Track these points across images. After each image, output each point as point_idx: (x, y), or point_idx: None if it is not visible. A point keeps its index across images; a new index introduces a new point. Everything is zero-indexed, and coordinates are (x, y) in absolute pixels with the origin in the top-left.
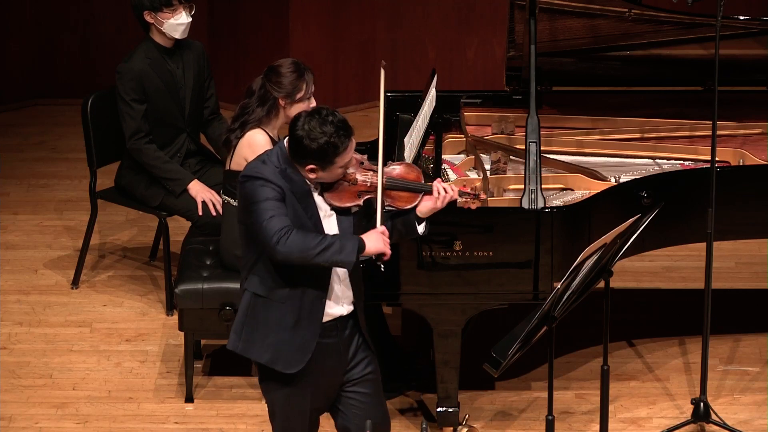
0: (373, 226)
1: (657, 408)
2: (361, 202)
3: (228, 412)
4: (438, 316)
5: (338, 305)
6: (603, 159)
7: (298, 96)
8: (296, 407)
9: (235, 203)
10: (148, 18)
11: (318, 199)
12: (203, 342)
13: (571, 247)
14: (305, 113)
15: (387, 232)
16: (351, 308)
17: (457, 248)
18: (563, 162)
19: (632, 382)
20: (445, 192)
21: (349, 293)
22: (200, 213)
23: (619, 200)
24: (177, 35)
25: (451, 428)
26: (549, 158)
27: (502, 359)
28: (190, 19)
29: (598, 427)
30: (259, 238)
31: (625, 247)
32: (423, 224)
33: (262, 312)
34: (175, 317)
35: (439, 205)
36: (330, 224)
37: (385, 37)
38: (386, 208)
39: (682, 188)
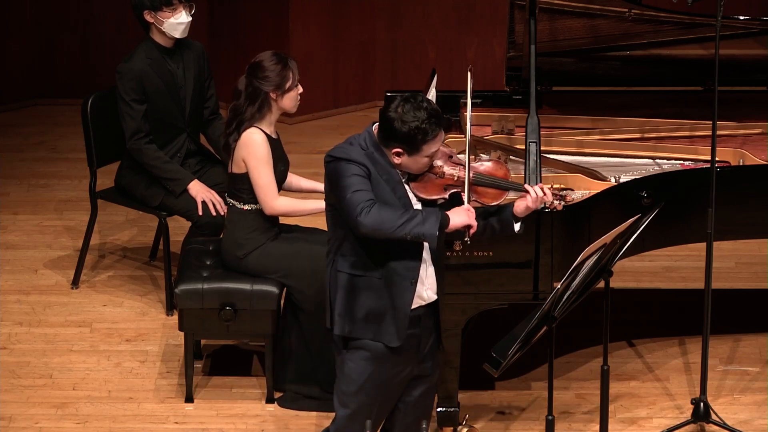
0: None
1: (657, 408)
2: (446, 195)
3: (228, 412)
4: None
5: (424, 288)
6: (603, 159)
7: (288, 85)
8: (370, 396)
9: (239, 205)
10: (148, 17)
11: (405, 188)
12: (203, 342)
13: (571, 247)
14: (401, 97)
15: (473, 210)
16: (434, 297)
17: (457, 248)
18: (563, 162)
19: (632, 382)
20: (543, 194)
21: (433, 281)
22: (200, 213)
23: (619, 200)
24: (177, 35)
25: (451, 428)
26: (549, 158)
27: (502, 359)
28: (190, 19)
29: (598, 427)
30: (343, 213)
31: (625, 247)
32: (519, 223)
33: (361, 290)
34: (175, 317)
35: (533, 206)
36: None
37: (385, 37)
38: (472, 202)
39: (682, 188)
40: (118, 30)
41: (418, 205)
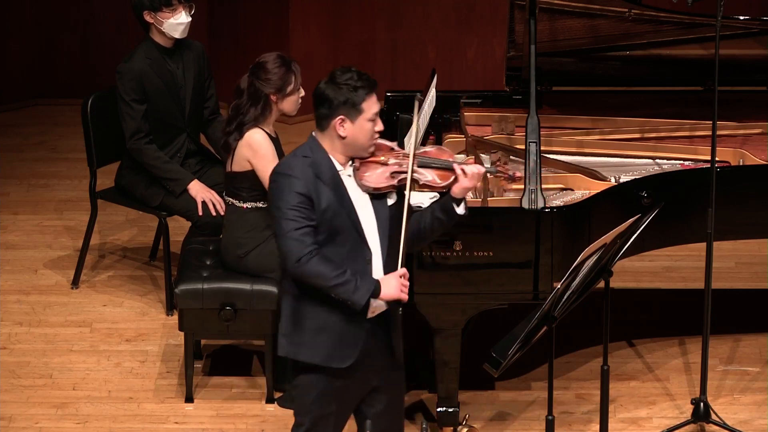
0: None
1: (657, 408)
2: (395, 182)
3: (228, 412)
4: (438, 316)
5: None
6: (603, 159)
7: (289, 89)
8: (325, 407)
9: (238, 204)
10: (147, 18)
11: (352, 187)
12: (203, 342)
13: (571, 247)
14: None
15: (407, 275)
16: (384, 307)
17: (457, 248)
18: (563, 162)
19: (632, 382)
20: (471, 171)
21: None
22: (200, 213)
23: (619, 200)
24: (177, 35)
25: (451, 428)
26: (549, 158)
27: (502, 359)
28: (189, 19)
29: (598, 427)
30: (279, 247)
31: (625, 247)
32: (462, 205)
33: (308, 312)
34: (175, 317)
35: (469, 183)
36: (366, 214)
37: (385, 37)
38: (423, 190)
39: (682, 188)
40: (118, 30)
41: (367, 206)
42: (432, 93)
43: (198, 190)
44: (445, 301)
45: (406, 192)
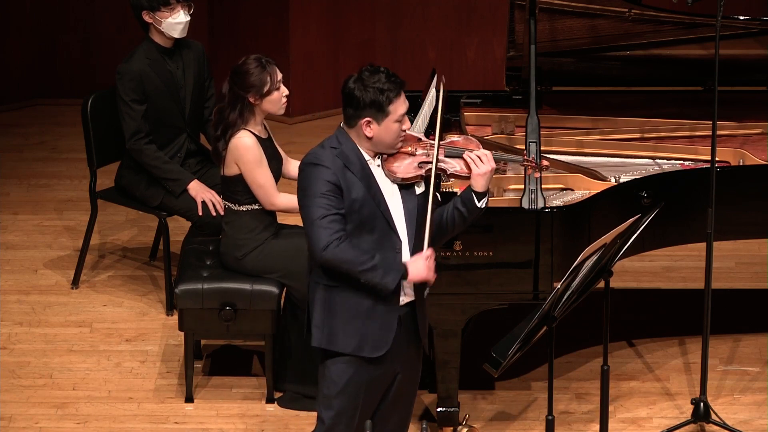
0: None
1: (657, 408)
2: (423, 172)
3: (228, 412)
4: (438, 316)
5: (403, 287)
6: (603, 159)
7: (266, 89)
8: (353, 398)
9: (235, 207)
10: (146, 18)
11: (380, 177)
12: (203, 342)
13: (571, 247)
14: (354, 74)
15: (433, 255)
16: (412, 295)
17: (457, 248)
18: (563, 162)
19: (632, 382)
20: (480, 160)
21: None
22: (200, 213)
23: (619, 200)
24: (176, 34)
25: (451, 428)
26: (549, 158)
27: (502, 359)
28: (188, 18)
29: (598, 427)
30: (307, 236)
31: (625, 247)
32: (483, 200)
33: (339, 301)
34: (175, 317)
35: (483, 171)
36: (395, 203)
37: (385, 37)
38: (448, 179)
39: (682, 188)
40: (118, 30)
41: (395, 196)
42: (432, 93)
43: (198, 190)
44: (445, 301)
45: (431, 178)
